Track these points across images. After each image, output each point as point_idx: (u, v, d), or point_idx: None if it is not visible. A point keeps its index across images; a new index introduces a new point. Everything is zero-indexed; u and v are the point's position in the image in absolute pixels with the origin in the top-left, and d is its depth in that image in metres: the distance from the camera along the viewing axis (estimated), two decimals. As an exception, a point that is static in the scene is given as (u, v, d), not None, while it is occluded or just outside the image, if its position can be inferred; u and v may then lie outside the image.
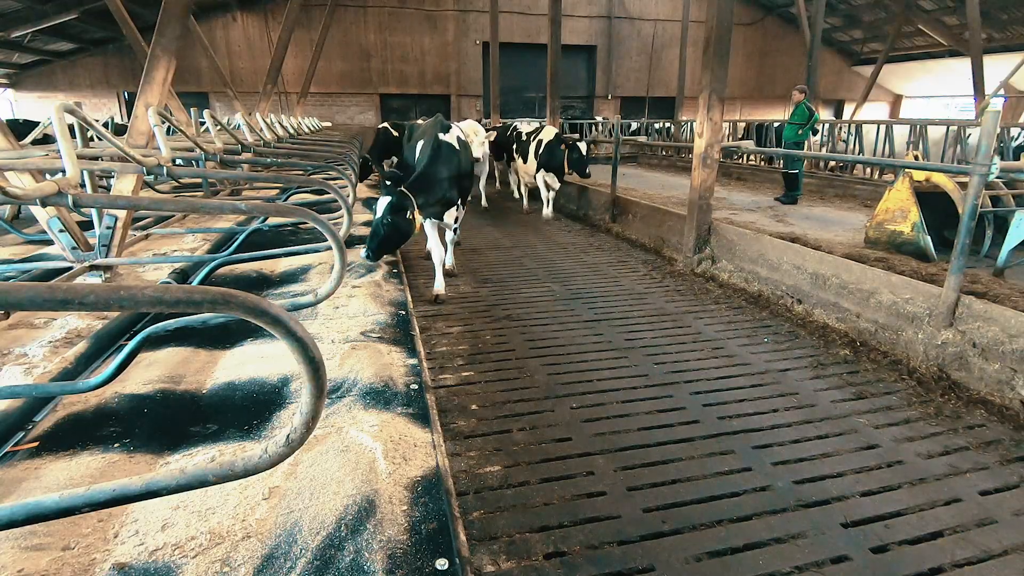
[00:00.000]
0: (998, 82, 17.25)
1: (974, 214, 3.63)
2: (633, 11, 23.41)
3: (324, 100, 21.43)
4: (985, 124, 3.44)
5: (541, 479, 2.68)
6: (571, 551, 2.22)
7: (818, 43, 15.05)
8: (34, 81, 19.12)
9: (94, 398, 2.57)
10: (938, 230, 5.46)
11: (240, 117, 7.34)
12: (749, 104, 25.39)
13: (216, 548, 1.74)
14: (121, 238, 4.10)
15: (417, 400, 2.76)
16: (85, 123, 3.85)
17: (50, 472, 2.09)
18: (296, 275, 4.66)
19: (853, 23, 23.46)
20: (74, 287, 0.80)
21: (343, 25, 20.57)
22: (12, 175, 3.79)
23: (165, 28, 4.21)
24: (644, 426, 3.15)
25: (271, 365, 2.97)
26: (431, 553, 1.79)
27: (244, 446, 2.33)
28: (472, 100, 22.71)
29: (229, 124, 8.77)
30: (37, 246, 5.14)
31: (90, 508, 0.98)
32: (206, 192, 6.97)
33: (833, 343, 4.28)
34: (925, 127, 11.04)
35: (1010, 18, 18.57)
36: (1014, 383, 3.32)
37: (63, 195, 2.61)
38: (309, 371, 0.95)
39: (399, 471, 2.16)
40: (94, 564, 1.68)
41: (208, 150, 5.03)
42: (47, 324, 3.43)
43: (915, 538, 2.32)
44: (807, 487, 2.64)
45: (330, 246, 2.43)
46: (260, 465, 1.03)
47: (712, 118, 5.97)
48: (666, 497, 2.56)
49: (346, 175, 4.87)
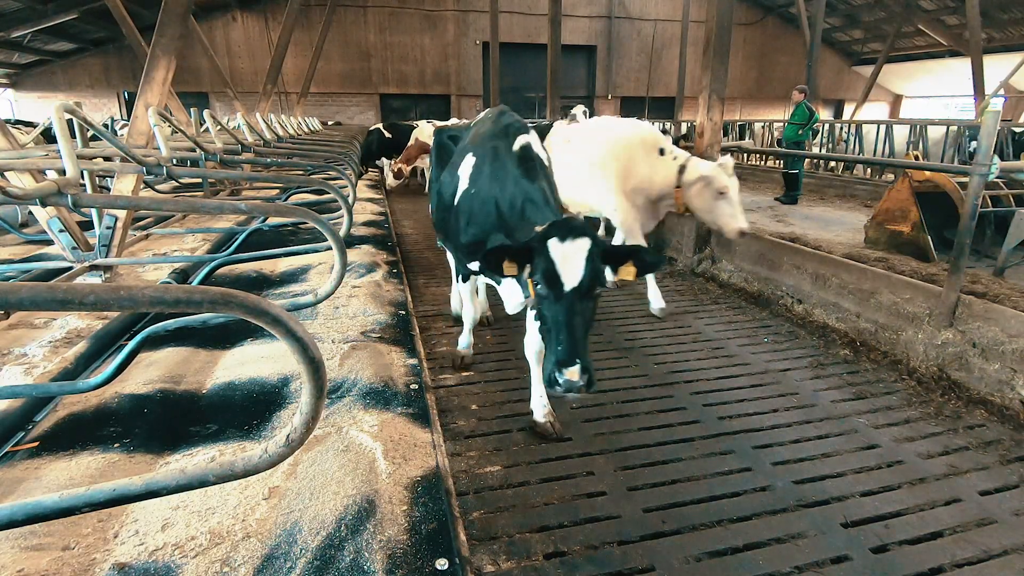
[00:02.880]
0: (998, 82, 17.27)
1: (974, 214, 3.63)
2: (633, 11, 23.42)
3: (324, 100, 21.44)
4: (985, 124, 3.44)
5: (541, 479, 2.68)
6: (571, 551, 2.22)
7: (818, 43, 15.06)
8: (34, 81, 19.13)
9: (94, 398, 2.57)
10: (938, 230, 5.46)
11: (240, 117, 7.34)
12: (749, 104, 25.40)
13: (216, 548, 1.75)
14: (121, 238, 4.10)
15: (417, 400, 2.76)
16: (85, 123, 3.85)
17: (50, 472, 2.09)
18: (296, 275, 4.66)
19: (853, 23, 23.47)
20: (74, 287, 0.80)
21: (343, 25, 20.58)
22: (12, 175, 3.79)
23: (165, 28, 4.22)
24: (644, 426, 3.15)
25: (271, 365, 2.97)
26: (431, 553, 1.79)
27: (244, 446, 2.33)
28: (472, 100, 22.72)
29: (229, 124, 8.78)
30: (37, 246, 5.14)
31: (90, 508, 0.98)
32: (206, 192, 6.97)
33: (833, 343, 4.28)
34: (925, 127, 11.04)
35: (1010, 18, 18.57)
36: (1014, 383, 3.32)
37: (63, 195, 2.61)
38: (309, 371, 0.95)
39: (399, 471, 2.16)
40: (94, 564, 1.68)
41: (208, 150, 5.03)
42: (47, 324, 3.43)
43: (915, 538, 2.32)
44: (807, 487, 2.64)
45: (330, 246, 2.43)
46: (260, 465, 1.03)
47: (712, 118, 5.97)
48: (666, 497, 2.56)
49: (346, 175, 4.87)
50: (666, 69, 23.89)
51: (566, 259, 2.13)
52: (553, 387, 2.07)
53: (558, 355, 2.07)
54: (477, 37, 21.93)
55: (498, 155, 2.88)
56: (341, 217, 3.75)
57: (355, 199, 4.96)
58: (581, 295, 2.13)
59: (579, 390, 2.04)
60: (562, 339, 2.09)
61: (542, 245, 2.17)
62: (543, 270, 2.16)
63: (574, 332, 2.09)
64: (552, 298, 2.16)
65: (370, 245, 5.76)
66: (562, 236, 2.17)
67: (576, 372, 2.02)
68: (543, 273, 2.16)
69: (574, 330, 2.10)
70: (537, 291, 2.23)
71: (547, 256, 2.15)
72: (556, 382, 2.05)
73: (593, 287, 2.16)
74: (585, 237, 2.16)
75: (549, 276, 2.14)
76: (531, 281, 2.28)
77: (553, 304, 2.16)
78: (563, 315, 2.12)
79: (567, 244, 2.14)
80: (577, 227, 2.19)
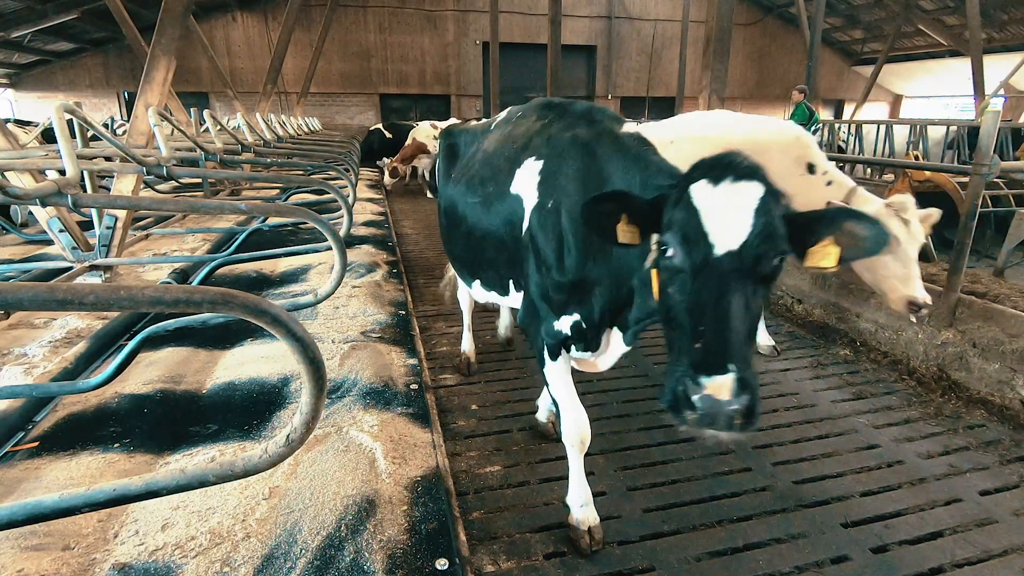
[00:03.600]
0: (998, 82, 17.25)
1: (974, 214, 3.63)
2: (633, 11, 23.40)
3: (324, 100, 21.41)
4: (985, 124, 3.44)
5: (541, 479, 2.68)
6: (571, 551, 2.22)
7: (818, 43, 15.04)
8: (34, 81, 19.11)
9: (94, 398, 2.57)
10: (938, 230, 5.45)
11: (240, 117, 7.35)
12: (749, 104, 25.36)
13: (216, 548, 1.75)
14: (121, 238, 4.10)
15: (417, 400, 2.76)
16: (85, 123, 3.85)
17: (50, 472, 2.09)
18: (296, 275, 4.66)
19: (853, 23, 23.45)
20: (74, 287, 0.80)
21: (343, 25, 20.55)
22: (12, 175, 3.79)
23: (165, 28, 4.22)
24: (644, 426, 3.15)
25: (271, 365, 2.97)
26: (431, 553, 1.79)
27: (244, 446, 2.33)
28: (472, 100, 22.70)
29: (229, 124, 8.78)
30: (37, 246, 5.15)
31: (90, 508, 0.98)
32: (206, 192, 6.97)
33: (833, 343, 4.28)
34: (925, 127, 11.04)
35: (1010, 18, 18.56)
36: (1014, 383, 3.32)
37: (63, 195, 2.61)
38: (309, 371, 0.95)
39: (399, 471, 2.16)
40: (94, 564, 1.68)
41: (208, 150, 5.03)
42: (47, 324, 3.43)
43: (915, 538, 2.31)
44: (807, 487, 2.64)
45: (330, 246, 2.43)
46: (260, 465, 1.03)
47: (712, 118, 5.95)
48: (666, 497, 2.56)
49: (346, 175, 4.87)
50: (666, 69, 23.87)
51: (721, 209, 1.37)
52: (681, 412, 1.29)
53: (693, 356, 1.29)
54: (477, 37, 21.91)
55: (591, 149, 2.04)
56: (341, 217, 3.75)
57: (355, 199, 4.96)
58: (741, 266, 1.33)
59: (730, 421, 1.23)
60: (704, 330, 1.29)
61: (682, 191, 1.44)
62: (682, 227, 1.41)
63: (726, 320, 1.28)
64: (694, 269, 1.38)
65: (370, 245, 5.76)
66: (716, 175, 1.41)
67: (726, 386, 1.22)
68: (681, 231, 1.41)
69: (726, 318, 1.29)
70: (666, 264, 1.46)
71: (690, 206, 1.40)
72: (687, 402, 1.27)
73: (763, 255, 1.34)
74: (754, 180, 1.40)
75: (691, 234, 1.39)
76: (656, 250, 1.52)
77: (695, 278, 1.38)
78: (709, 292, 1.33)
79: (724, 187, 1.39)
80: (741, 164, 1.43)
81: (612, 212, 1.54)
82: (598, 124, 2.13)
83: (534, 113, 2.52)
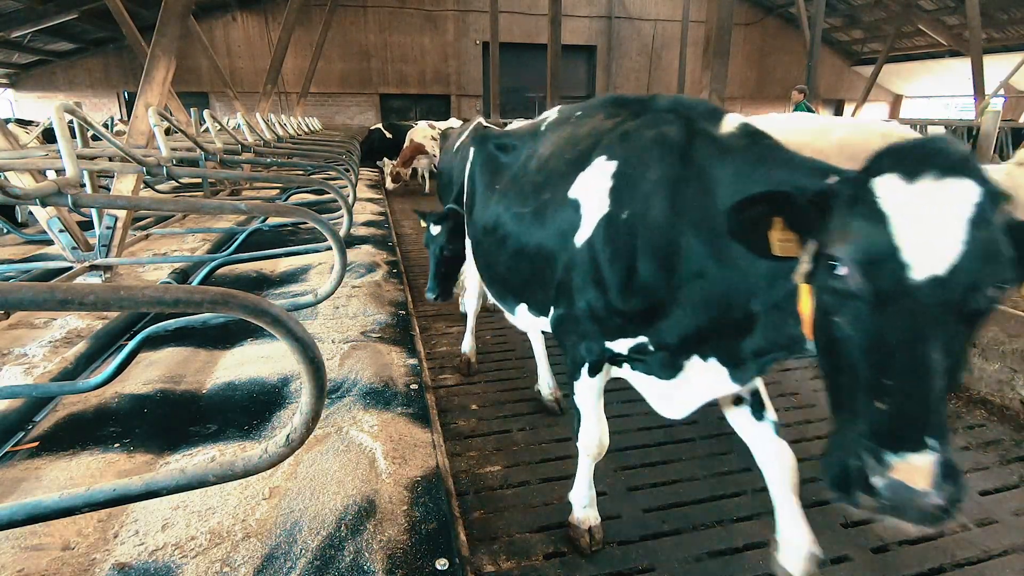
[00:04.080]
0: (998, 82, 17.25)
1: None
2: (633, 11, 23.41)
3: (324, 100, 21.42)
4: (985, 124, 3.44)
5: (541, 479, 2.68)
6: (571, 551, 2.22)
7: (818, 43, 15.04)
8: (34, 81, 19.12)
9: (94, 398, 2.57)
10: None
11: (240, 117, 7.35)
12: (749, 104, 25.37)
13: (216, 548, 1.75)
14: (121, 238, 4.10)
15: (417, 400, 2.76)
16: (85, 123, 3.85)
17: (50, 472, 2.09)
18: (296, 275, 4.66)
19: (853, 23, 23.46)
20: (74, 287, 0.80)
21: (343, 25, 20.56)
22: (12, 175, 3.79)
23: (165, 28, 4.22)
24: (644, 426, 3.15)
25: (271, 365, 2.97)
26: (431, 553, 1.79)
27: (244, 446, 2.33)
28: (472, 100, 22.71)
29: (229, 124, 8.78)
30: (37, 246, 5.15)
31: (90, 508, 0.98)
32: (206, 192, 6.98)
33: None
34: (925, 127, 11.05)
35: (1010, 18, 18.57)
36: (1014, 383, 3.32)
37: (63, 195, 2.61)
38: (309, 371, 0.96)
39: (399, 471, 2.16)
40: (94, 564, 1.68)
41: (208, 150, 5.03)
42: (47, 324, 3.44)
43: (915, 538, 2.31)
44: (807, 487, 2.63)
45: (330, 246, 2.43)
46: (260, 465, 1.03)
47: (712, 118, 5.96)
48: (666, 497, 2.56)
49: (346, 175, 4.88)
50: (666, 69, 23.88)
51: (921, 216, 1.00)
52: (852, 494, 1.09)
53: (875, 420, 1.01)
54: (477, 37, 21.92)
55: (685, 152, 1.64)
56: (341, 217, 3.75)
57: (355, 199, 4.96)
58: (948, 298, 0.98)
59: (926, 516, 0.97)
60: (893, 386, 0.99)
61: (863, 187, 1.08)
62: (861, 237, 1.04)
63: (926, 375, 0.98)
64: (878, 298, 1.03)
65: (370, 245, 5.76)
66: (911, 168, 1.03)
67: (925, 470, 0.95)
68: (861, 244, 1.04)
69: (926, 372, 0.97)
70: (834, 285, 1.09)
71: (874, 209, 1.04)
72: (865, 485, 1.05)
73: (979, 283, 0.98)
74: (965, 176, 1.01)
75: (875, 249, 1.02)
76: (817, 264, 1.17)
77: (879, 310, 1.03)
78: (901, 332, 1.00)
79: (925, 185, 1.01)
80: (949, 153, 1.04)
81: (766, 217, 1.22)
82: (691, 122, 1.72)
83: (600, 111, 2.16)
